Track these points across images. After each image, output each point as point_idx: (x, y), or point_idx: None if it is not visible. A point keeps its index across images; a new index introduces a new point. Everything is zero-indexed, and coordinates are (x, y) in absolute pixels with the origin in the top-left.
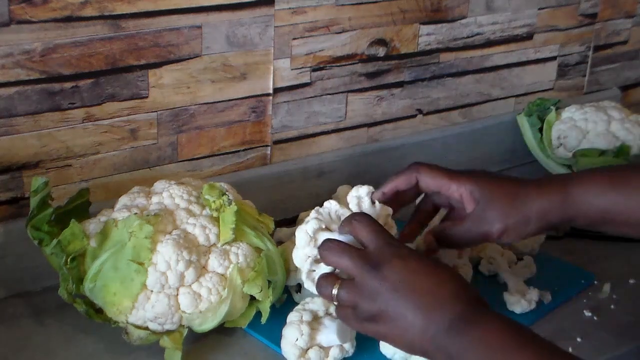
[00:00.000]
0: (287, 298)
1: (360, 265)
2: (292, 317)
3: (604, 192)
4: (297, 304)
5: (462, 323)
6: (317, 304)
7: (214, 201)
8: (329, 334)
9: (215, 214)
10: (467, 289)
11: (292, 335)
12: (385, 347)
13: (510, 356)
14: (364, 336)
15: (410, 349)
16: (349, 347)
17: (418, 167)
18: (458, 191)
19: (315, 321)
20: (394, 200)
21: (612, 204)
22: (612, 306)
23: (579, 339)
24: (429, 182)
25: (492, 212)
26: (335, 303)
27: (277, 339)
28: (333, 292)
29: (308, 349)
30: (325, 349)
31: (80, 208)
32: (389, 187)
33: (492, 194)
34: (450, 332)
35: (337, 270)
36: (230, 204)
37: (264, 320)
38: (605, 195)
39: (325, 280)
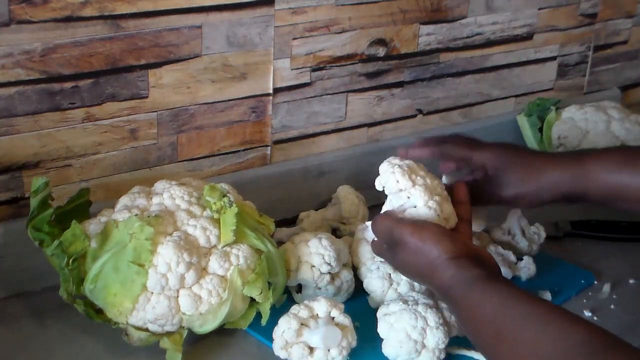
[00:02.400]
0: (288, 298)
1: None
2: (292, 309)
3: (619, 168)
4: (297, 304)
5: (469, 260)
6: (321, 303)
7: (214, 203)
8: (314, 336)
9: (216, 216)
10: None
11: (283, 325)
12: (387, 348)
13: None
14: (366, 339)
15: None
16: (335, 355)
17: (444, 139)
18: (479, 158)
19: (311, 319)
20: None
21: (626, 180)
22: (612, 306)
23: None
24: (457, 151)
25: (507, 178)
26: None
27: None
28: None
29: (294, 343)
30: (311, 349)
31: (81, 208)
32: (411, 154)
33: (509, 162)
34: (455, 262)
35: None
36: (231, 205)
37: (264, 322)
38: (619, 171)
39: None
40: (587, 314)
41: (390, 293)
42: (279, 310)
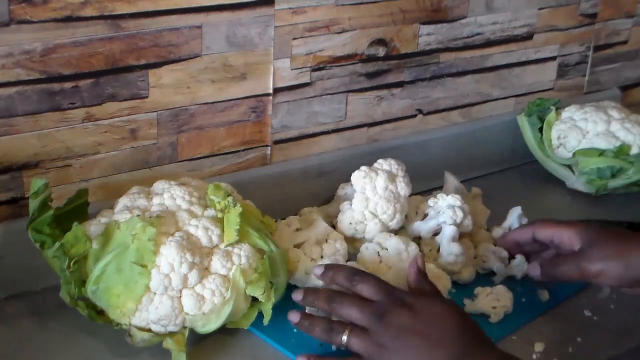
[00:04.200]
0: (288, 296)
1: (368, 315)
2: (319, 281)
3: None
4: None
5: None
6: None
7: (219, 202)
8: None
9: (220, 215)
10: (470, 327)
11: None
12: None
13: None
14: None
15: None
16: None
17: (534, 222)
18: (567, 234)
19: None
20: (514, 249)
21: None
22: (612, 306)
23: (579, 339)
24: (544, 232)
25: (594, 251)
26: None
27: (280, 337)
28: (343, 339)
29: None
30: None
31: (79, 209)
32: (508, 238)
33: (598, 236)
34: None
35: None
36: (235, 205)
37: (266, 321)
38: None
39: (336, 326)
40: (587, 313)
41: (382, 268)
42: (280, 307)
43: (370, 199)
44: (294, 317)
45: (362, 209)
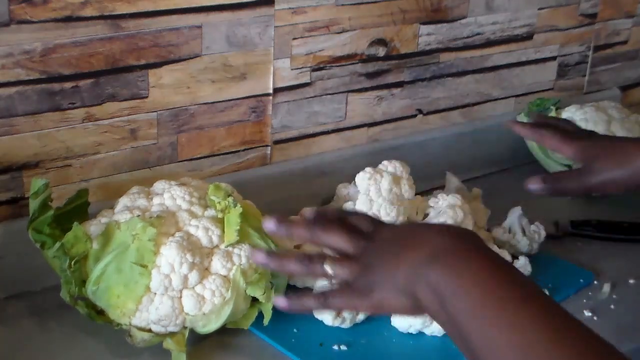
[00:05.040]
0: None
1: (354, 239)
2: (322, 281)
3: None
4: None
5: (446, 254)
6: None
7: (219, 202)
8: None
9: (220, 215)
10: (458, 227)
11: None
12: (398, 320)
13: (502, 296)
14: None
15: (402, 308)
16: None
17: (542, 126)
18: (571, 151)
19: None
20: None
21: None
22: (612, 306)
23: None
24: (549, 143)
25: (597, 165)
26: (332, 280)
27: (280, 337)
28: (325, 267)
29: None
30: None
31: (80, 209)
32: (516, 130)
33: (601, 149)
34: (432, 261)
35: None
36: (235, 205)
37: (266, 321)
38: None
39: (312, 256)
40: (587, 314)
41: None
42: (280, 310)
43: (375, 200)
44: (259, 256)
45: (366, 211)
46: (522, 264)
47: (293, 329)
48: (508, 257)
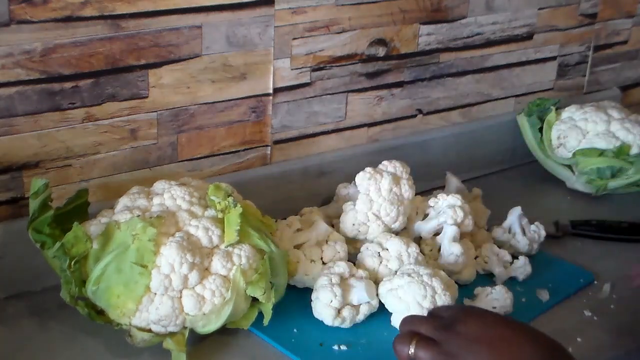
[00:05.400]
0: (288, 296)
1: (437, 326)
2: (322, 281)
3: None
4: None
5: None
6: (341, 267)
7: (219, 202)
8: (359, 293)
9: (220, 215)
10: (549, 339)
11: (327, 297)
12: (398, 320)
13: None
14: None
15: None
16: (375, 303)
17: None
18: None
19: (343, 282)
20: None
21: None
22: (612, 306)
23: (579, 339)
24: None
25: None
26: None
27: (280, 337)
28: (410, 351)
29: (341, 308)
30: (355, 307)
31: (79, 209)
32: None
33: None
34: None
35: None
36: (235, 205)
37: (266, 322)
38: None
39: (402, 339)
40: (587, 313)
41: (381, 269)
42: (279, 307)
43: (375, 200)
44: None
45: (366, 211)
46: (522, 264)
47: (293, 329)
48: (508, 258)
